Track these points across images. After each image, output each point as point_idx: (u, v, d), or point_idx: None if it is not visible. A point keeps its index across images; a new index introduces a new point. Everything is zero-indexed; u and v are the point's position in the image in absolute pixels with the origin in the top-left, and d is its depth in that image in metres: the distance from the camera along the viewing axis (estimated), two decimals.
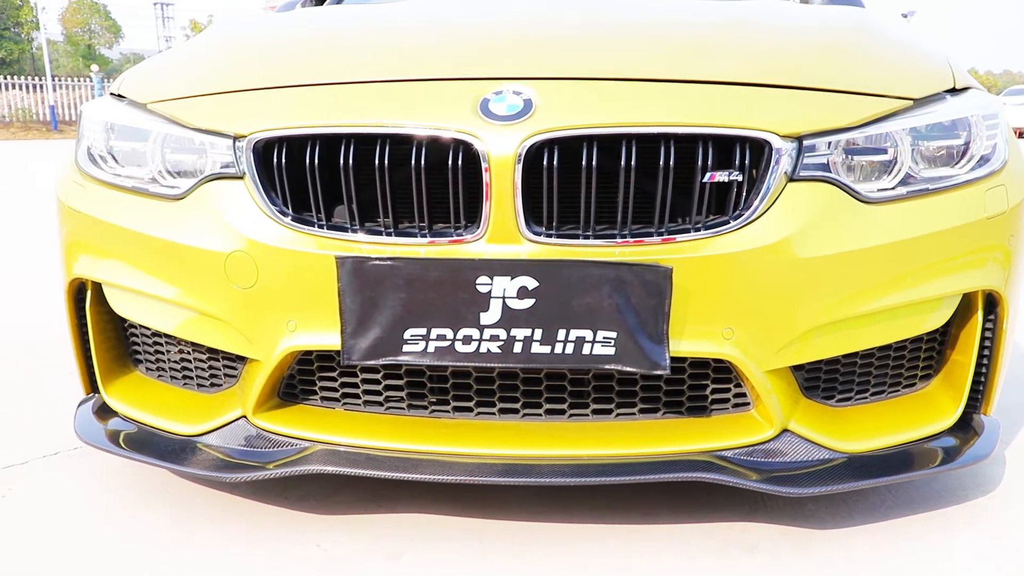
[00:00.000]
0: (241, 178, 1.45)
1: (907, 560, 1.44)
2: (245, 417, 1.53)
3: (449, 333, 1.35)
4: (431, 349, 1.36)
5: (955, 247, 1.44)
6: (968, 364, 1.54)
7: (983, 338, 1.55)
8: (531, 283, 1.31)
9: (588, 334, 1.33)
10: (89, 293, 1.66)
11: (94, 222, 1.58)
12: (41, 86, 29.03)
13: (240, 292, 1.43)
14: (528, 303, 1.32)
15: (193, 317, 1.53)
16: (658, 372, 1.34)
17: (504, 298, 1.32)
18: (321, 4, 2.94)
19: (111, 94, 1.73)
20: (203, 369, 1.66)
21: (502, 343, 1.34)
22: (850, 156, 1.42)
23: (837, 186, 1.39)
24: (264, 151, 1.42)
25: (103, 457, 1.82)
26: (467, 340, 1.35)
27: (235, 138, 1.44)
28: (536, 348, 1.34)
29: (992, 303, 1.53)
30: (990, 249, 1.48)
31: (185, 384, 1.69)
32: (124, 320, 1.71)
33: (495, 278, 1.31)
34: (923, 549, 1.48)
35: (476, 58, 1.50)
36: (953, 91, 1.55)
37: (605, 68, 1.43)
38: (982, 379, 1.57)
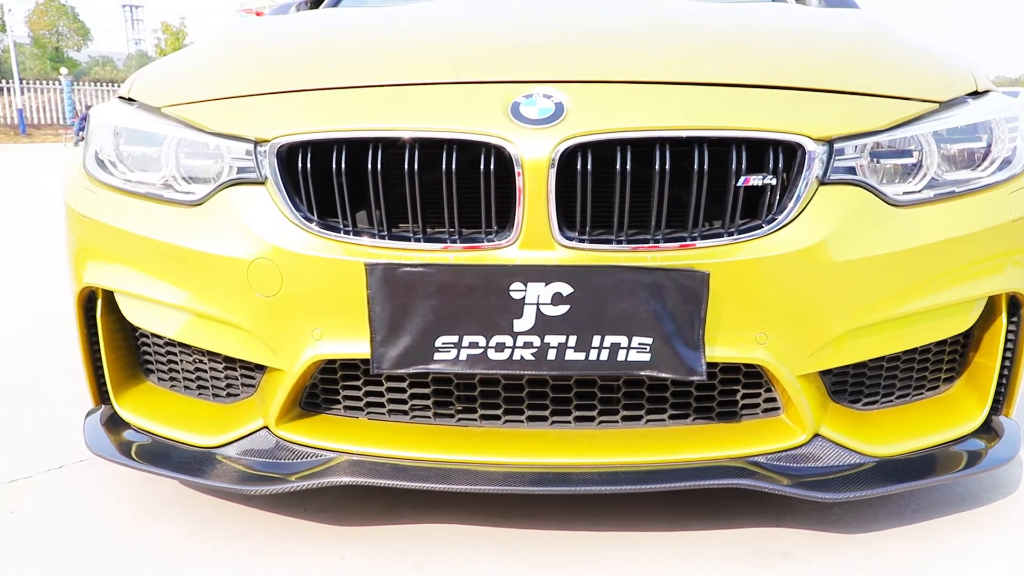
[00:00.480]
0: (262, 183, 1.42)
1: (937, 563, 1.44)
2: (267, 428, 1.50)
3: (482, 340, 1.32)
4: (463, 357, 1.33)
5: (983, 250, 1.45)
6: (992, 367, 1.55)
7: (1006, 340, 1.55)
8: (566, 289, 1.29)
9: (623, 340, 1.31)
10: (100, 302, 1.62)
11: (106, 229, 1.54)
12: (8, 89, 28.53)
13: (263, 300, 1.40)
14: (562, 309, 1.30)
15: (212, 326, 1.49)
16: (694, 378, 1.33)
17: (538, 304, 1.30)
18: (317, 7, 2.91)
19: (119, 98, 1.69)
20: (219, 379, 1.62)
21: (536, 350, 1.32)
22: (878, 159, 1.41)
23: (866, 189, 1.39)
24: (288, 156, 1.39)
25: (109, 469, 1.77)
26: (500, 347, 1.32)
27: (256, 142, 1.41)
28: (570, 355, 1.32)
29: (1016, 305, 1.54)
30: (1016, 252, 1.48)
31: (200, 394, 1.64)
32: (135, 329, 1.66)
33: (529, 284, 1.29)
34: (951, 552, 1.48)
35: (503, 61, 1.47)
36: (974, 94, 1.55)
37: (634, 71, 1.42)
38: (1004, 381, 1.57)
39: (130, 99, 1.64)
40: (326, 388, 1.52)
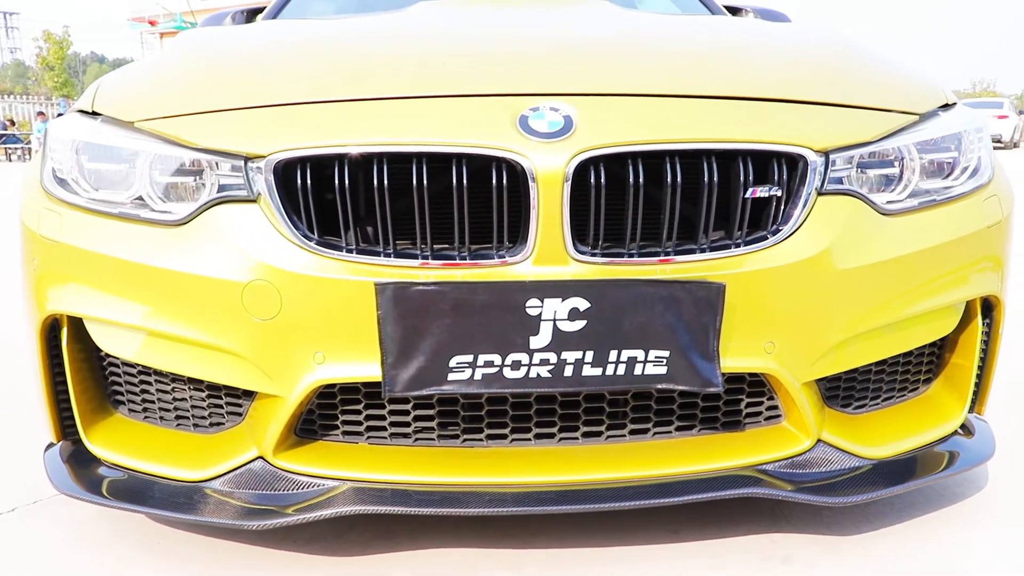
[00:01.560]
0: (253, 201, 1.35)
1: (930, 558, 1.48)
2: (262, 458, 1.42)
3: (497, 359, 1.29)
4: (478, 376, 1.30)
5: (965, 255, 1.51)
6: (970, 367, 1.61)
7: (981, 341, 1.62)
8: (583, 304, 1.28)
9: (640, 354, 1.31)
10: (65, 330, 1.50)
11: (74, 252, 1.43)
12: None
13: (260, 324, 1.33)
14: (579, 325, 1.28)
15: (199, 352, 1.40)
16: (710, 390, 1.33)
17: (555, 320, 1.28)
18: (253, 19, 2.82)
19: (79, 111, 1.58)
20: (201, 408, 1.52)
21: (552, 367, 1.30)
22: (865, 169, 1.45)
23: (859, 199, 1.43)
24: (284, 172, 1.33)
25: (69, 511, 1.65)
26: (516, 365, 1.30)
27: (248, 158, 1.34)
28: (587, 371, 1.31)
29: (988, 307, 1.61)
30: (990, 257, 1.55)
31: (179, 425, 1.54)
32: (104, 358, 1.55)
33: (546, 300, 1.27)
34: (940, 546, 1.53)
35: (503, 73, 1.44)
36: (944, 107, 1.62)
37: (637, 84, 1.41)
38: (978, 381, 1.64)
39: (93, 112, 1.53)
40: (323, 413, 1.45)
